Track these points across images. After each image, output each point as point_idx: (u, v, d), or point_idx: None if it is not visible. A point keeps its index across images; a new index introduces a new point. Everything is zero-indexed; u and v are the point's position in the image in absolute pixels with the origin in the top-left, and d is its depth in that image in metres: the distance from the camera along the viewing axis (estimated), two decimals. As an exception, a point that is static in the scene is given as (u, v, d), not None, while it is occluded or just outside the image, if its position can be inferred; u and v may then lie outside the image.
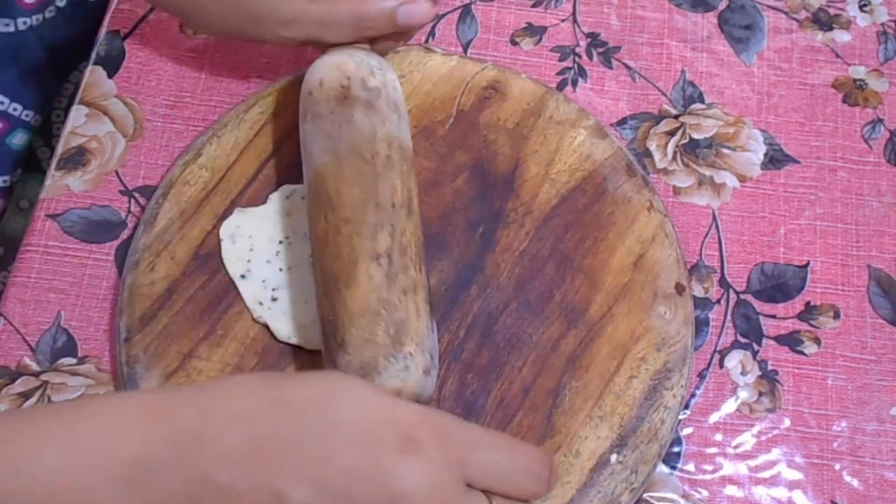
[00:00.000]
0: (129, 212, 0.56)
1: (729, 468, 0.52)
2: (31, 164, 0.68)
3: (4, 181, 0.66)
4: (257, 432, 0.38)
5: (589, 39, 0.62)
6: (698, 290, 0.55)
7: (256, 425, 0.38)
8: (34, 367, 0.53)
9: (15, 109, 0.66)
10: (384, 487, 0.38)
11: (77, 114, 0.59)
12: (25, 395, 0.52)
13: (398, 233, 0.48)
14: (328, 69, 0.51)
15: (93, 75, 0.60)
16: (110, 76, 0.60)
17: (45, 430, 0.39)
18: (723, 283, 0.56)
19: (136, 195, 0.57)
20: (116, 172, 0.58)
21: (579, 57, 0.62)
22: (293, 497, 0.38)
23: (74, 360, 0.53)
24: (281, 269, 0.53)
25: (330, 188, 0.49)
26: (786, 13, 0.64)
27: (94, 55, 0.61)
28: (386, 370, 0.45)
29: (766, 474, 0.52)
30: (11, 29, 0.65)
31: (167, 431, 0.38)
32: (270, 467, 0.38)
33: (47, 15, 0.66)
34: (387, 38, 0.54)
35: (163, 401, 0.40)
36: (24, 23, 0.66)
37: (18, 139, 0.67)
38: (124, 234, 0.56)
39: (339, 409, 0.39)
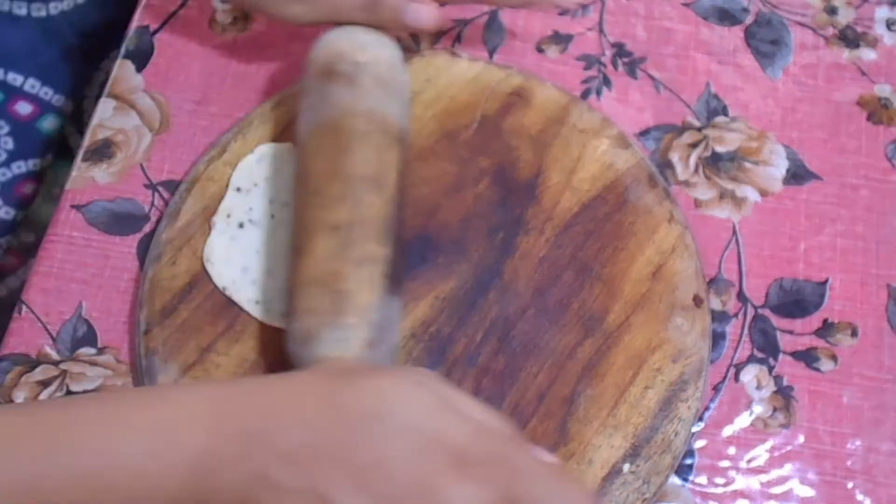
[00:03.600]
0: (152, 205, 0.57)
1: (741, 482, 0.52)
2: (63, 151, 0.69)
3: (35, 164, 0.67)
4: (315, 436, 0.39)
5: (615, 49, 0.63)
6: (716, 304, 0.55)
7: (315, 429, 0.39)
8: (54, 356, 0.53)
9: (45, 94, 0.67)
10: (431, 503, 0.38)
11: (105, 106, 0.59)
12: (44, 384, 0.52)
13: (363, 205, 0.49)
14: (322, 45, 0.53)
15: (121, 69, 0.61)
16: (139, 70, 0.61)
17: (123, 415, 0.40)
18: (741, 296, 0.56)
19: (160, 189, 0.57)
20: (141, 166, 0.58)
21: (604, 66, 0.62)
22: (339, 501, 0.38)
23: (94, 351, 0.53)
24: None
25: (302, 162, 0.51)
26: (813, 29, 0.64)
27: (123, 49, 0.61)
28: (324, 338, 0.46)
29: (778, 490, 0.52)
30: (44, 14, 0.66)
31: (233, 427, 0.40)
32: (322, 471, 0.39)
33: (79, 1, 0.67)
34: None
35: (230, 395, 0.41)
36: (56, 7, 0.66)
37: (49, 123, 0.67)
38: (147, 228, 0.56)
39: (392, 421, 0.39)
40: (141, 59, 0.61)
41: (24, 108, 0.66)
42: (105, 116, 0.59)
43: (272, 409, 0.40)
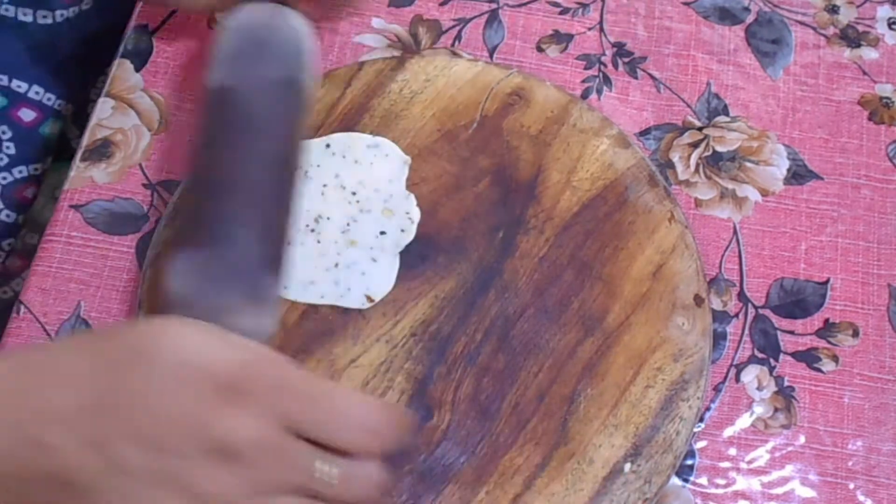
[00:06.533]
0: (151, 205, 0.57)
1: (742, 483, 0.51)
2: (66, 154, 0.69)
3: (35, 168, 0.67)
4: (80, 391, 0.38)
5: (615, 49, 0.62)
6: (717, 304, 0.55)
7: (79, 384, 0.38)
8: (52, 355, 0.53)
9: (49, 99, 0.67)
10: (208, 438, 0.37)
11: (103, 106, 0.59)
12: (43, 384, 0.52)
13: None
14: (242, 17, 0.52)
15: (120, 69, 0.61)
16: (137, 70, 0.61)
17: None
18: (741, 297, 0.56)
19: (159, 189, 0.57)
20: (140, 166, 0.58)
21: (605, 66, 0.62)
22: (119, 453, 0.37)
23: (92, 351, 0.53)
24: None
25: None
26: (814, 28, 0.64)
27: (121, 48, 0.61)
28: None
29: (779, 491, 0.51)
30: (49, 21, 0.66)
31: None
32: (97, 425, 0.37)
33: (83, 7, 0.67)
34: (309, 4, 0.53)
35: None
36: (62, 15, 0.66)
37: (49, 128, 0.68)
38: (146, 228, 0.56)
39: (156, 358, 0.38)
40: (140, 58, 0.61)
41: (27, 115, 0.67)
42: (103, 116, 0.59)
43: (29, 374, 0.39)
